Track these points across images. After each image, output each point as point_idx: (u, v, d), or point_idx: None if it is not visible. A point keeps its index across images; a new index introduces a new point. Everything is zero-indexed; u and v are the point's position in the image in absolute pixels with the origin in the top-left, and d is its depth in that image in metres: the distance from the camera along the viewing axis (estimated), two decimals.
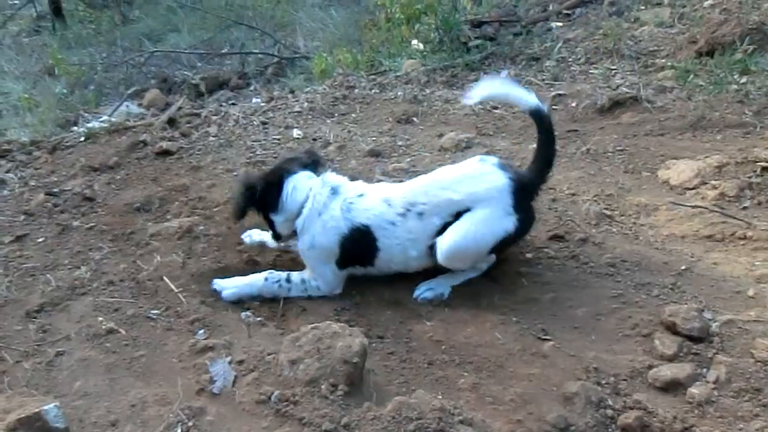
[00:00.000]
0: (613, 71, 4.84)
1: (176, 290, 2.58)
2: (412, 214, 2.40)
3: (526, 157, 3.69)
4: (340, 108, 4.65)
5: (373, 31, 6.08)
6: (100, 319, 2.42)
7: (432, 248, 2.40)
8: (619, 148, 3.71)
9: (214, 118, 4.75)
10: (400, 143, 3.95)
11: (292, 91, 5.27)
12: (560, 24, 5.87)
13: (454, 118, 4.40)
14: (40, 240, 3.14)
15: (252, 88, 5.76)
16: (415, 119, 4.40)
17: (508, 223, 2.38)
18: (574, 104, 4.36)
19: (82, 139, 4.69)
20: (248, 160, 3.87)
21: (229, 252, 2.86)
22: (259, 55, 6.43)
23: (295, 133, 4.18)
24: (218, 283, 2.56)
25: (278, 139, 4.16)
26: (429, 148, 3.89)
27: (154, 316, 2.44)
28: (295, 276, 2.53)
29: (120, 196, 3.58)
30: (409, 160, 3.70)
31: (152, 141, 4.18)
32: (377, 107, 4.63)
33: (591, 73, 4.90)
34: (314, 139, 4.06)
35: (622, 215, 3.07)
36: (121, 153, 4.09)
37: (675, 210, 3.05)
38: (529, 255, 2.76)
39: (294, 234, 2.54)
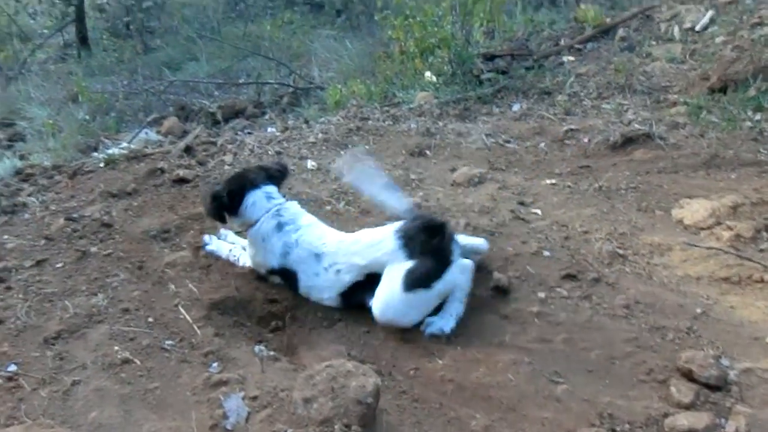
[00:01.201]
0: (625, 106, 4.89)
1: (191, 321, 2.60)
2: (332, 270, 2.64)
3: (539, 193, 3.73)
4: (353, 139, 4.71)
5: (387, 62, 6.16)
6: (116, 348, 2.44)
7: (342, 295, 2.65)
8: (631, 185, 3.72)
9: (230, 146, 4.82)
10: (413, 176, 3.99)
11: (306, 121, 5.34)
12: (572, 58, 5.95)
13: (466, 151, 4.44)
14: (59, 265, 3.18)
15: (267, 117, 5.84)
16: (427, 152, 4.44)
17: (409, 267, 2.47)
18: (586, 139, 4.39)
19: (102, 164, 4.77)
20: None
21: (244, 283, 2.88)
22: (275, 85, 6.53)
23: (309, 164, 4.23)
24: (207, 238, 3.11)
25: (292, 170, 4.20)
26: (442, 182, 3.92)
27: (169, 347, 2.47)
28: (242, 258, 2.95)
29: (137, 224, 3.63)
30: (422, 194, 3.73)
31: (169, 168, 4.24)
32: (390, 139, 4.69)
33: (603, 108, 4.94)
34: (328, 171, 4.10)
35: (635, 255, 3.07)
36: (139, 180, 4.15)
37: (689, 250, 3.04)
38: (541, 294, 2.76)
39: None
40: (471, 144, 4.52)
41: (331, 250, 2.65)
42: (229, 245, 3.05)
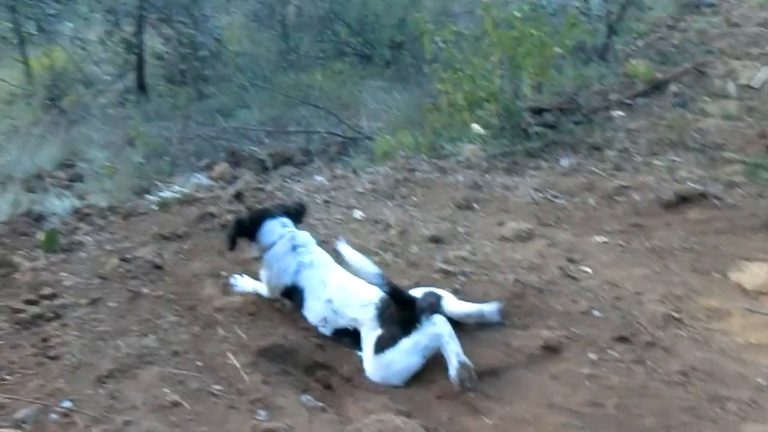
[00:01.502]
0: (678, 164, 4.81)
1: (239, 366, 2.62)
2: (329, 306, 2.84)
3: (589, 251, 3.68)
4: (401, 190, 4.75)
5: (435, 114, 6.24)
6: (166, 390, 2.47)
7: (336, 332, 2.82)
8: (686, 246, 3.64)
9: (279, 193, 4.92)
10: (460, 230, 3.98)
11: (354, 171, 5.42)
12: (622, 113, 5.90)
13: (514, 205, 4.42)
14: (112, 304, 3.26)
15: (315, 165, 5.95)
16: (475, 205, 4.45)
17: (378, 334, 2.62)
18: (637, 197, 4.33)
19: (155, 207, 4.92)
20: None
21: (291, 331, 2.90)
22: (324, 134, 6.67)
23: (357, 214, 4.28)
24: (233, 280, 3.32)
25: (340, 219, 4.26)
26: (489, 236, 3.90)
27: (217, 392, 2.48)
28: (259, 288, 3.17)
29: (187, 267, 3.70)
30: (469, 248, 3.72)
31: (219, 213, 4.34)
32: (438, 191, 4.71)
33: (654, 165, 4.88)
34: (376, 222, 4.14)
35: (691, 319, 2.97)
36: (190, 223, 4.25)
37: (750, 316, 2.93)
38: (592, 355, 2.69)
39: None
40: (519, 198, 4.50)
41: (332, 286, 2.86)
42: (252, 281, 3.26)
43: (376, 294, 2.69)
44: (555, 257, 3.57)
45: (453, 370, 2.47)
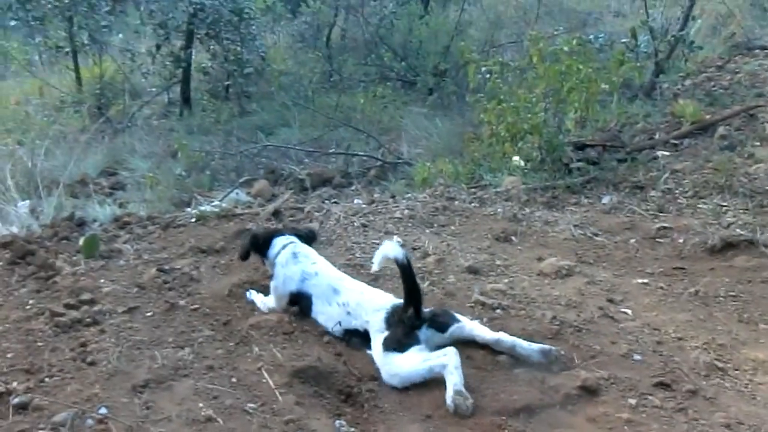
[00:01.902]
0: (724, 208, 4.70)
1: (273, 386, 2.61)
2: (344, 308, 3.04)
3: (630, 292, 3.60)
4: (439, 219, 4.73)
5: (476, 144, 6.23)
6: (200, 405, 2.47)
7: (347, 332, 3.02)
8: (731, 293, 3.53)
9: (317, 214, 4.94)
10: (498, 262, 3.94)
11: (392, 196, 5.42)
12: (667, 153, 5.80)
13: (553, 241, 4.37)
14: (148, 314, 3.30)
15: (354, 188, 5.99)
16: (513, 238, 4.40)
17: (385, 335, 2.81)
18: (681, 240, 4.24)
19: (193, 220, 4.99)
20: (347, 262, 3.96)
21: (327, 354, 2.88)
22: (363, 157, 6.71)
23: (395, 240, 4.27)
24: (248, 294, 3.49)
25: (378, 244, 4.22)
26: (528, 271, 3.85)
27: (251, 410, 2.47)
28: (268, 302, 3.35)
29: (223, 281, 3.74)
30: (507, 281, 3.68)
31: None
32: (476, 222, 4.68)
33: (699, 208, 4.78)
34: (413, 249, 4.12)
35: (736, 369, 2.87)
36: (228, 238, 4.30)
37: None
38: (632, 401, 2.61)
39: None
40: (558, 234, 4.45)
41: (348, 292, 3.08)
42: (262, 297, 3.43)
43: (389, 301, 2.94)
44: (594, 296, 3.51)
45: (449, 399, 2.54)
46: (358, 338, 2.96)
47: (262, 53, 10.24)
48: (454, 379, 2.57)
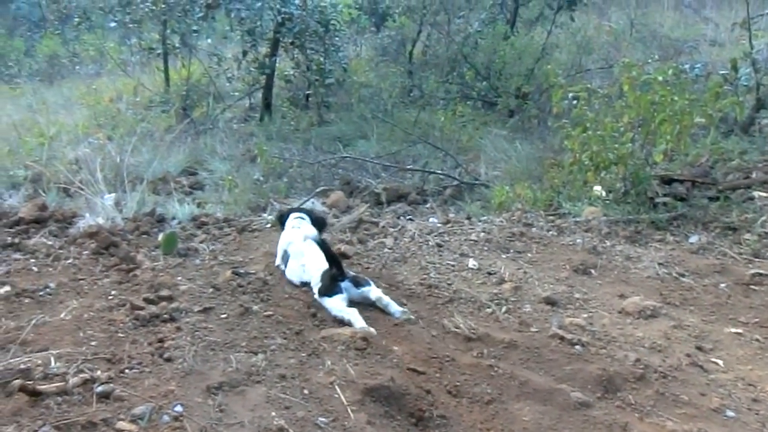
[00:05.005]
0: None
1: (345, 403, 2.57)
2: (303, 267, 3.88)
3: (721, 341, 3.38)
4: (516, 244, 4.61)
5: (556, 170, 6.05)
6: (273, 413, 2.46)
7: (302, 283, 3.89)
8: None
9: (392, 230, 4.92)
10: (577, 296, 3.80)
11: (468, 218, 5.33)
12: (765, 194, 5.45)
13: (635, 278, 4.17)
14: (223, 315, 3.34)
15: (429, 206, 5.92)
16: (593, 271, 4.23)
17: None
18: None
19: (268, 225, 5.06)
20: (421, 281, 3.91)
21: (400, 374, 2.82)
22: (440, 175, 6.62)
23: (471, 263, 4.18)
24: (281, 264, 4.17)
25: (452, 265, 4.18)
26: (608, 307, 3.69)
27: (322, 425, 2.44)
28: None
29: (296, 290, 3.75)
30: (586, 316, 3.53)
31: (331, 242, 4.38)
32: (554, 251, 4.54)
33: None
34: (489, 273, 4.03)
35: None
36: None
37: None
38: None
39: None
40: (641, 271, 4.24)
41: (306, 257, 3.86)
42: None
43: (325, 265, 3.68)
44: (682, 342, 3.31)
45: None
46: (307, 286, 3.77)
47: (345, 64, 10.37)
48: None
